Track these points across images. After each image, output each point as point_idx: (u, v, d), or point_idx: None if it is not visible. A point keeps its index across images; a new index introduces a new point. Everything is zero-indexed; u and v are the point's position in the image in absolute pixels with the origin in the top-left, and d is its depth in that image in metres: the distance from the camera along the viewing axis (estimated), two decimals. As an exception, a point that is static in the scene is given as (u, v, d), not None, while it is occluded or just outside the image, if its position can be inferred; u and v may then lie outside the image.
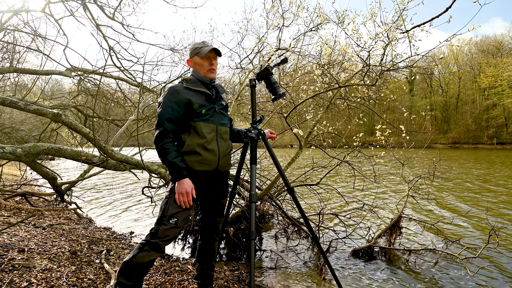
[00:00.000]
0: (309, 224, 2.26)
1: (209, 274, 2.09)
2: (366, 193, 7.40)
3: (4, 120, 10.53)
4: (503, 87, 42.98)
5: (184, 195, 1.71)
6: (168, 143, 1.74)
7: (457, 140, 47.30)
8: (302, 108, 4.50)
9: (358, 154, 3.84)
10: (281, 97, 2.04)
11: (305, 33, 4.50)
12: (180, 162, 1.72)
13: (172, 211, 1.75)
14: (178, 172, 1.71)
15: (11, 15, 4.77)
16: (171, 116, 1.76)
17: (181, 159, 1.74)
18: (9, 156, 3.55)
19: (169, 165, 1.72)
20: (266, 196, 3.82)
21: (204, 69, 1.90)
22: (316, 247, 3.58)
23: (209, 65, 1.89)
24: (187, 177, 1.73)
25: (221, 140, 1.89)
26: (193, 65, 1.93)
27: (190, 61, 1.94)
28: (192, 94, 1.83)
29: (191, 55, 1.92)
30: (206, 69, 1.89)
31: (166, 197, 1.79)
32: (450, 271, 3.25)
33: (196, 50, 1.88)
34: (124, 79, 6.18)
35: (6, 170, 9.29)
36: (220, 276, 2.76)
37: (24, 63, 6.46)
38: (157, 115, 1.81)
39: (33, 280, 2.15)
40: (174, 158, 1.72)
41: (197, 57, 1.89)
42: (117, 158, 3.87)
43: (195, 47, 1.90)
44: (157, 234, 1.73)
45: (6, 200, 4.67)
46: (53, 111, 4.07)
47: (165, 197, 1.81)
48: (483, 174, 11.61)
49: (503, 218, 5.26)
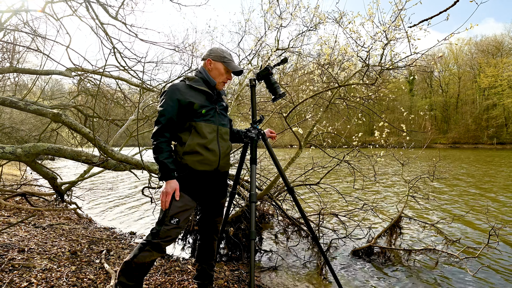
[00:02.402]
0: (309, 224, 2.26)
1: (209, 274, 2.09)
2: (366, 192, 7.40)
3: (4, 120, 10.52)
4: (503, 87, 42.99)
5: (165, 195, 1.73)
6: (163, 143, 1.75)
7: (457, 140, 47.30)
8: (302, 108, 4.50)
9: (358, 154, 3.84)
10: (281, 97, 2.04)
11: (303, 33, 4.51)
12: (171, 163, 1.74)
13: (173, 211, 1.75)
14: (167, 172, 1.73)
15: (10, 15, 4.77)
16: (171, 115, 1.77)
17: (172, 160, 1.76)
18: (9, 156, 3.55)
19: (160, 164, 1.74)
20: (266, 196, 3.82)
21: (220, 79, 1.94)
22: (316, 247, 3.58)
23: (226, 78, 1.96)
24: (174, 179, 1.75)
25: (222, 141, 1.90)
26: (212, 68, 1.93)
27: (211, 62, 1.93)
28: (194, 93, 1.83)
29: (216, 59, 1.92)
30: (221, 80, 1.94)
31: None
32: (450, 271, 3.25)
33: (224, 60, 1.91)
34: (124, 79, 6.18)
35: (6, 170, 9.29)
36: (220, 276, 2.76)
37: (24, 63, 6.48)
38: (157, 112, 1.83)
39: (33, 280, 2.15)
40: (165, 158, 1.73)
41: (222, 65, 1.92)
42: (117, 158, 3.87)
43: (223, 55, 1.92)
44: (158, 234, 1.74)
45: (6, 200, 4.67)
46: (53, 111, 4.07)
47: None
48: (482, 174, 11.60)
49: (503, 218, 5.26)
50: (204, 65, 1.96)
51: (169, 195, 1.73)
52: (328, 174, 3.95)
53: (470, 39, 51.33)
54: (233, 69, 1.93)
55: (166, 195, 1.73)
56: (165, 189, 1.73)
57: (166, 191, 1.72)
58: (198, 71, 1.97)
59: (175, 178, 1.75)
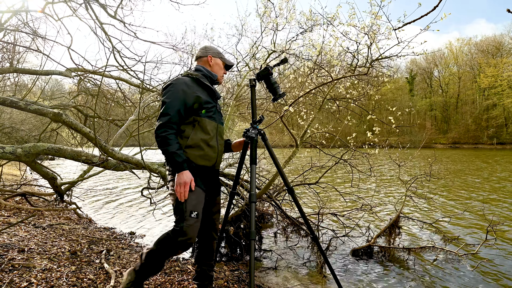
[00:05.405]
0: (308, 224, 2.26)
1: (208, 275, 2.07)
2: (365, 192, 7.41)
3: (4, 120, 10.52)
4: (503, 87, 43.02)
5: (182, 185, 1.70)
6: (171, 134, 1.73)
7: (457, 140, 47.34)
8: (299, 107, 4.52)
9: (354, 152, 3.86)
10: (281, 97, 2.05)
11: (297, 35, 4.57)
12: (182, 154, 1.73)
13: (191, 205, 1.73)
14: (180, 164, 1.70)
15: (10, 15, 4.78)
16: (179, 107, 1.77)
17: (182, 151, 1.75)
18: (9, 156, 3.56)
19: (170, 156, 1.71)
20: (265, 195, 3.82)
21: (220, 73, 2.07)
22: (316, 247, 3.59)
23: (223, 73, 2.12)
24: (187, 169, 1.73)
25: (220, 138, 1.96)
26: (213, 63, 2.04)
27: (212, 58, 2.03)
28: (200, 89, 1.87)
29: (215, 55, 2.04)
30: (221, 75, 2.08)
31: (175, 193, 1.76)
32: (450, 268, 3.26)
33: (221, 55, 2.07)
34: (124, 79, 6.19)
35: (6, 170, 9.30)
36: (220, 276, 2.77)
37: (24, 63, 6.48)
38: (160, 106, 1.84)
39: (33, 280, 2.15)
40: (177, 150, 1.72)
41: (221, 61, 2.07)
42: (117, 157, 3.88)
43: (219, 51, 2.08)
44: (182, 231, 1.69)
45: (6, 200, 4.67)
46: (53, 110, 4.08)
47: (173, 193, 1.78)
48: (480, 173, 11.61)
49: (500, 215, 5.28)
50: (205, 62, 2.03)
51: (187, 185, 1.70)
52: (326, 173, 3.96)
53: (470, 39, 51.44)
54: (229, 63, 2.12)
55: (183, 186, 1.69)
56: (181, 180, 1.69)
57: (184, 181, 1.69)
58: (196, 69, 2.00)
59: (187, 169, 1.73)
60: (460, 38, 54.10)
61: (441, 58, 53.79)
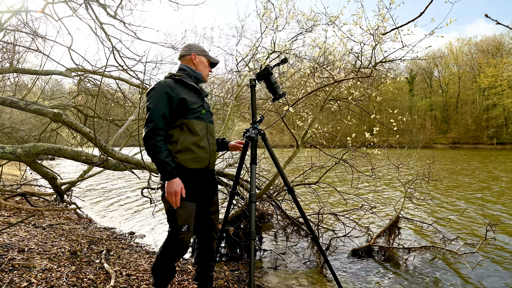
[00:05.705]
0: (308, 224, 2.26)
1: (208, 275, 2.06)
2: (365, 193, 7.41)
3: (4, 120, 10.52)
4: (503, 87, 43.00)
5: (173, 195, 1.67)
6: (160, 141, 1.69)
7: (457, 140, 47.31)
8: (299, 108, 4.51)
9: (354, 152, 3.86)
10: (281, 97, 2.04)
11: (298, 35, 4.56)
12: (171, 161, 1.69)
13: (182, 220, 1.75)
14: (170, 172, 1.67)
15: (10, 16, 4.78)
16: (164, 111, 1.72)
17: (172, 159, 1.71)
18: (9, 156, 3.56)
19: (160, 164, 1.68)
20: (265, 196, 3.82)
21: (205, 72, 2.02)
22: (316, 247, 3.58)
23: (209, 71, 2.06)
24: (177, 177, 1.70)
25: (211, 138, 1.91)
26: (197, 62, 1.97)
27: (196, 56, 1.96)
28: (184, 90, 1.82)
29: (199, 53, 1.98)
30: (206, 73, 2.03)
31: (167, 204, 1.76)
32: (450, 268, 3.27)
33: (205, 53, 2.01)
34: (124, 79, 6.19)
35: (6, 170, 9.29)
36: (220, 276, 2.76)
37: (24, 63, 6.48)
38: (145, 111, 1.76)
39: (33, 280, 2.15)
40: (166, 157, 1.68)
41: (206, 59, 2.00)
42: (117, 157, 3.88)
43: (203, 49, 2.01)
44: (175, 243, 1.79)
45: (6, 200, 4.67)
46: (53, 110, 4.08)
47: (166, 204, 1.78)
48: (479, 173, 11.61)
49: (499, 214, 5.27)
50: (188, 61, 1.96)
51: (177, 194, 1.68)
52: (326, 174, 3.96)
53: (470, 39, 51.39)
54: (214, 61, 2.05)
55: (174, 195, 1.68)
56: (171, 190, 1.68)
57: (174, 190, 1.67)
58: (179, 69, 1.95)
59: (177, 177, 1.70)
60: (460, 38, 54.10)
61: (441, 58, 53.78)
